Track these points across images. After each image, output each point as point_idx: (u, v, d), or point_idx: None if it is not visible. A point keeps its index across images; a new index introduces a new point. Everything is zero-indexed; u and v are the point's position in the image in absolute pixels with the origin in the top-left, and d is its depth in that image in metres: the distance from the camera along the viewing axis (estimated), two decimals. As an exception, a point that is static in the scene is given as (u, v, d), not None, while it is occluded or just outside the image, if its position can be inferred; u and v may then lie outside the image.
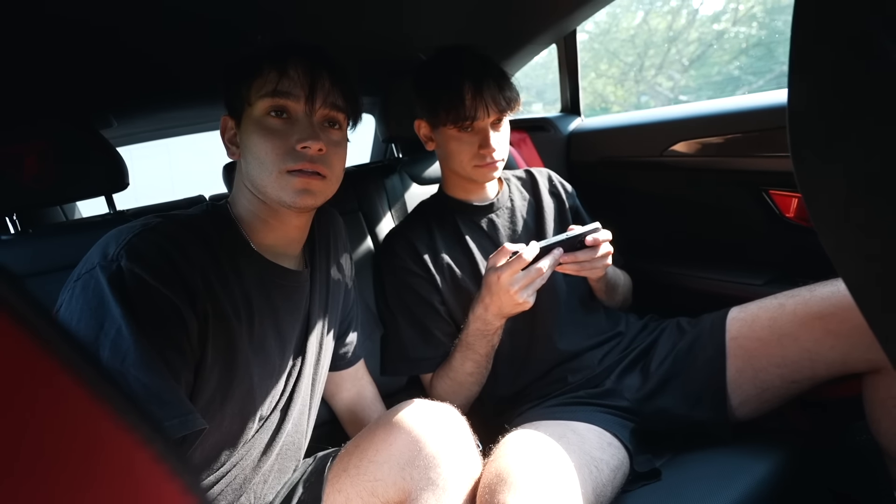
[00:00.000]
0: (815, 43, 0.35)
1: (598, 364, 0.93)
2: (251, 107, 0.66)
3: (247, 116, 0.66)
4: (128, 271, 0.54)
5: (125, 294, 0.53)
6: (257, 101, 0.65)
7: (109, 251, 0.55)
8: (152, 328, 0.53)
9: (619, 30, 7.44)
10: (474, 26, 1.14)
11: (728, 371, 0.84)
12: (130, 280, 0.53)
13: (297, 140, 0.64)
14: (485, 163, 0.91)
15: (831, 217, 0.37)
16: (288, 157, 0.64)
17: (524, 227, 1.02)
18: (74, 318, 0.53)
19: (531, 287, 0.78)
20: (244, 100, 0.66)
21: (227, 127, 0.71)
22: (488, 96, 0.87)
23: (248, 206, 0.69)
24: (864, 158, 0.33)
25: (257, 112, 0.65)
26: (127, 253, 0.55)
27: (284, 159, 0.64)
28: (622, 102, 7.45)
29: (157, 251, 0.57)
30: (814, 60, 0.36)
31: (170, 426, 0.50)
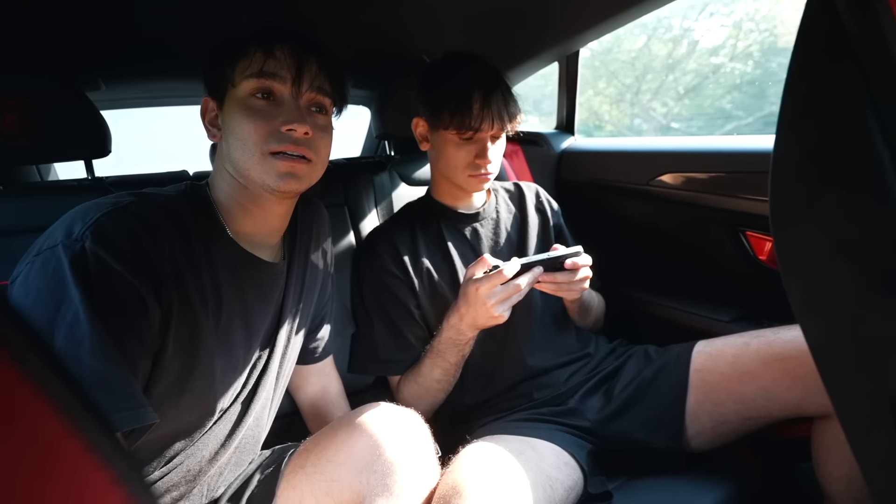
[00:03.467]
0: (801, 118, 0.37)
1: (564, 383, 0.94)
2: (235, 87, 0.64)
3: (230, 97, 0.65)
4: (91, 254, 0.52)
5: (86, 277, 0.51)
6: (242, 81, 0.63)
7: (74, 230, 0.53)
8: (112, 315, 0.51)
9: (621, 51, 7.54)
10: (479, 36, 1.14)
11: (688, 402, 0.86)
12: (94, 263, 0.51)
13: (282, 122, 0.62)
14: (478, 173, 0.91)
15: (800, 273, 0.38)
16: (272, 138, 0.62)
17: (507, 240, 1.02)
18: (31, 295, 0.51)
19: (507, 302, 0.79)
20: (228, 80, 0.64)
21: (209, 108, 0.68)
22: (495, 109, 0.88)
23: (227, 191, 0.67)
24: (841, 224, 0.35)
25: (241, 93, 0.64)
26: (92, 234, 0.53)
27: (268, 140, 0.62)
28: (616, 122, 7.55)
29: (125, 234, 0.55)
30: (801, 128, 0.38)
31: (118, 419, 0.49)
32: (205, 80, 0.68)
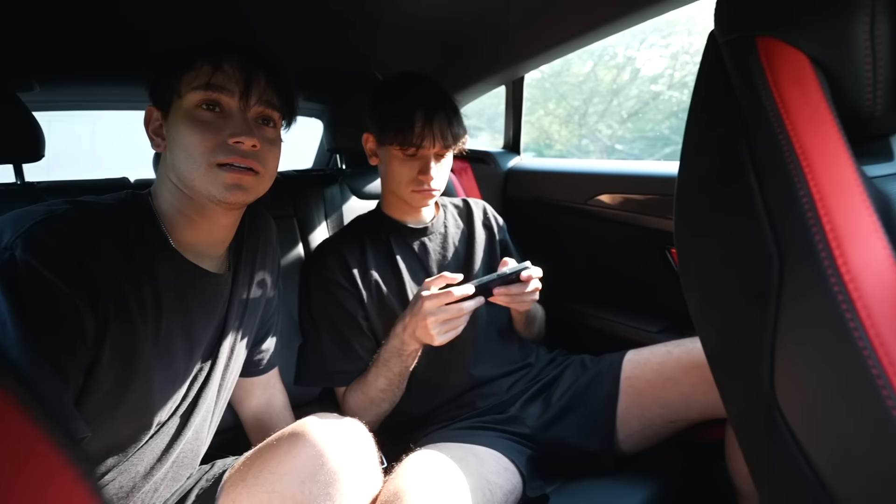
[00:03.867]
0: (696, 154, 0.42)
1: (506, 391, 0.98)
2: (181, 98, 0.64)
3: (176, 108, 0.65)
4: (22, 262, 0.50)
5: (16, 287, 0.49)
6: (188, 93, 0.63)
7: (4, 238, 0.51)
8: (43, 327, 0.50)
9: (570, 74, 7.86)
10: (430, 57, 1.19)
11: (619, 408, 0.92)
12: (24, 273, 0.50)
13: (229, 134, 0.63)
14: (421, 189, 0.95)
15: (695, 285, 0.44)
16: (218, 150, 0.63)
17: (454, 254, 1.06)
18: None
19: (446, 325, 0.82)
20: (174, 91, 0.64)
21: (153, 117, 0.68)
22: (437, 128, 0.91)
23: (171, 201, 0.67)
24: (726, 243, 0.41)
25: (188, 104, 0.64)
26: (24, 242, 0.51)
27: (214, 152, 0.62)
28: (565, 142, 7.84)
29: (58, 242, 0.53)
30: (697, 162, 0.43)
31: None
32: (149, 89, 0.68)
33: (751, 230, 0.36)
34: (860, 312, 0.30)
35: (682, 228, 0.45)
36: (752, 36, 0.41)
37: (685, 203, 0.44)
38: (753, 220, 0.36)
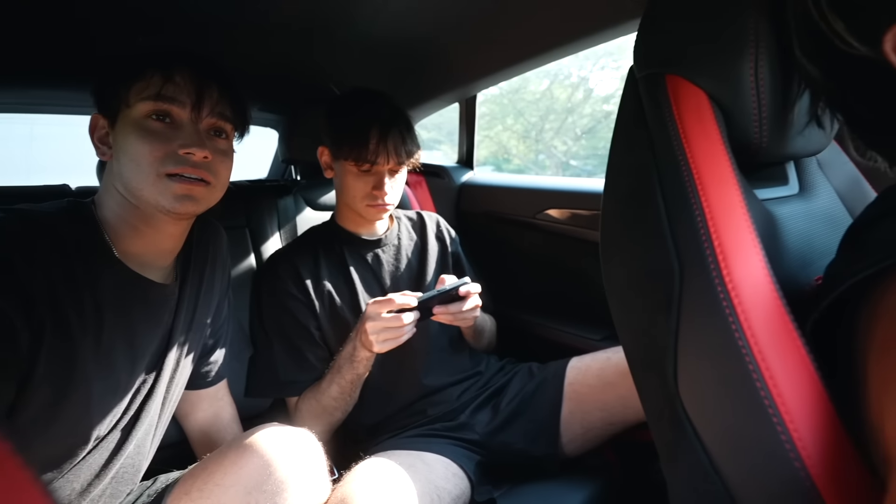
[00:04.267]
0: (616, 175, 0.47)
1: (456, 399, 1.01)
2: (129, 108, 0.64)
3: (124, 117, 0.64)
4: None
5: None
6: (137, 103, 0.63)
7: None
8: None
9: (528, 92, 8.10)
10: (386, 74, 1.22)
11: (562, 412, 0.97)
12: None
13: (180, 145, 0.63)
14: (375, 203, 0.97)
15: (616, 294, 0.48)
16: (168, 160, 0.63)
17: (407, 266, 1.08)
18: None
19: (384, 333, 0.83)
20: (121, 100, 0.64)
21: (98, 126, 0.67)
22: (391, 145, 0.94)
23: (116, 210, 0.66)
24: (639, 257, 0.45)
25: (137, 114, 0.64)
26: None
27: (164, 162, 0.62)
28: (522, 157, 8.05)
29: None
30: (617, 182, 0.48)
31: None
32: (95, 96, 0.67)
33: (658, 245, 0.41)
34: (740, 316, 0.35)
35: (604, 242, 0.49)
36: (663, 73, 0.47)
37: (607, 219, 0.49)
38: (660, 237, 0.41)
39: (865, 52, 0.36)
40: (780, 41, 0.41)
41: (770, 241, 0.43)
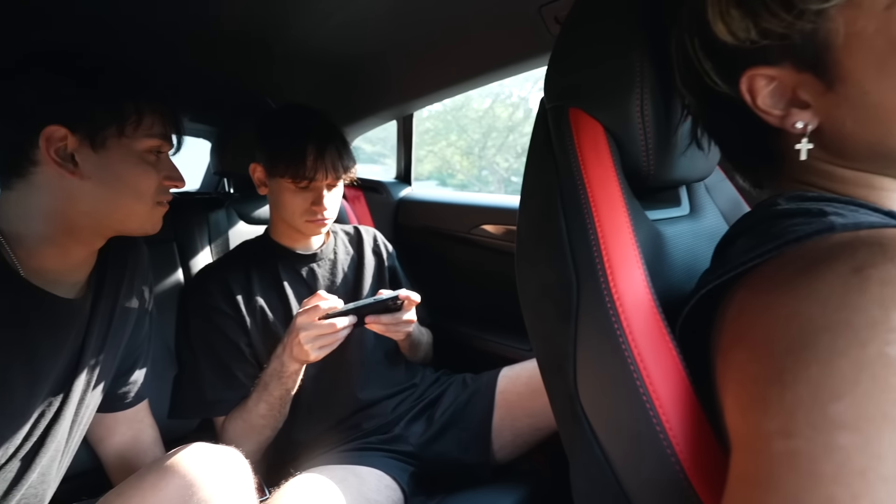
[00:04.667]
0: (530, 197, 0.52)
1: (391, 412, 1.02)
2: (129, 139, 0.66)
3: (118, 145, 0.66)
4: None
5: None
6: (143, 137, 0.67)
7: None
8: None
9: (471, 109, 8.30)
10: (322, 89, 1.23)
11: (494, 420, 1.00)
12: None
13: (166, 176, 0.71)
14: (314, 219, 0.97)
15: (528, 305, 0.52)
16: (159, 190, 0.71)
17: (343, 280, 1.09)
18: None
19: (319, 340, 0.83)
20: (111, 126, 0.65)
21: (57, 138, 0.61)
22: (329, 161, 0.95)
23: (37, 227, 0.62)
24: (545, 271, 0.50)
25: (140, 147, 0.68)
26: None
27: (157, 193, 0.70)
28: (466, 172, 8.21)
29: None
30: (529, 203, 0.53)
31: None
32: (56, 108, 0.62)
33: (560, 260, 0.46)
34: (623, 323, 0.39)
35: (518, 257, 0.54)
36: (566, 106, 0.52)
37: (521, 235, 0.54)
38: (562, 253, 0.46)
39: (726, 89, 0.42)
40: (664, 73, 0.48)
41: (656, 256, 0.49)
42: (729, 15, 0.38)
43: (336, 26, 0.93)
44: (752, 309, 0.34)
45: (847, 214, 0.36)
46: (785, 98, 0.40)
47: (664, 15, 0.46)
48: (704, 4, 0.39)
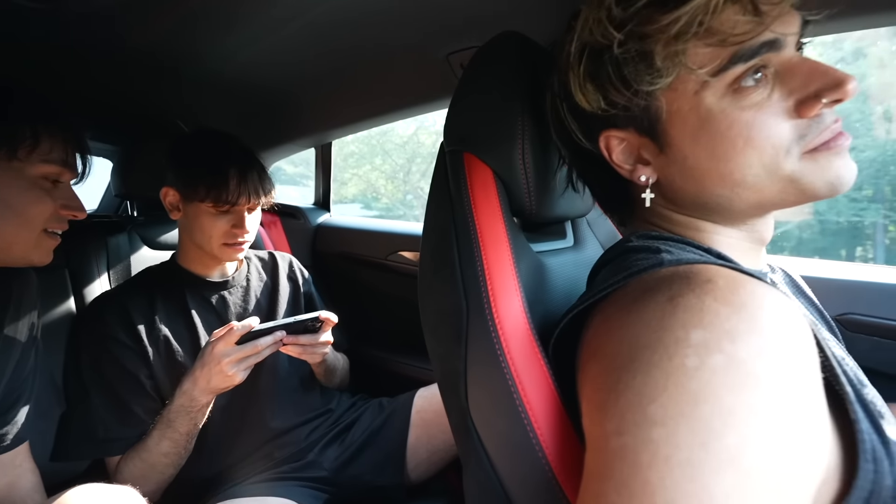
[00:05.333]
0: (430, 231, 0.58)
1: (304, 439, 1.01)
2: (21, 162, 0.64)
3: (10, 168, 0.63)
4: None
5: None
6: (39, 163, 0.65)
7: None
8: None
9: (395, 135, 8.41)
10: (237, 116, 1.23)
11: (409, 439, 1.03)
12: None
13: (62, 205, 0.69)
14: (234, 242, 0.96)
15: (428, 329, 0.57)
16: (52, 219, 0.68)
17: (256, 307, 1.08)
18: None
19: (244, 363, 0.82)
20: None
21: None
22: (251, 185, 0.94)
23: None
24: (441, 299, 0.55)
25: (35, 172, 0.65)
26: None
27: (49, 221, 0.68)
28: (391, 196, 8.28)
29: None
30: (429, 237, 0.58)
31: None
32: None
33: (453, 289, 0.51)
34: (503, 344, 0.46)
35: (420, 284, 0.59)
36: (462, 151, 0.59)
37: (422, 265, 0.59)
38: (455, 283, 0.51)
39: (589, 146, 0.51)
40: (542, 127, 0.56)
41: (539, 284, 0.56)
42: (585, 88, 0.47)
43: (247, 60, 0.95)
44: (602, 329, 0.42)
45: (675, 252, 0.45)
46: (633, 156, 0.50)
47: (542, 80, 0.55)
48: (568, 77, 0.48)
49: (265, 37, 0.86)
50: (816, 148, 0.42)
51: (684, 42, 0.41)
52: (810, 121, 0.42)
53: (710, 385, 0.32)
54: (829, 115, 0.42)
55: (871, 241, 5.23)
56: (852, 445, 0.36)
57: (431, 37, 0.87)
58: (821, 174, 0.43)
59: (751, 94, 0.42)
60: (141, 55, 0.91)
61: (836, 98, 0.41)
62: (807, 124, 0.42)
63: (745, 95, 0.42)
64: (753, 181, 0.44)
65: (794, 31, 0.43)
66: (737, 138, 0.43)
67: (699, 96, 0.43)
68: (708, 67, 0.42)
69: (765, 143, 0.42)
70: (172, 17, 0.79)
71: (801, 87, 0.42)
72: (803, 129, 0.42)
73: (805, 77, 0.41)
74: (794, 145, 0.42)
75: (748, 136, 0.42)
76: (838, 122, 0.43)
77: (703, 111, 0.44)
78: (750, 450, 0.30)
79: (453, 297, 0.51)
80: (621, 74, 0.44)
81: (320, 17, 0.79)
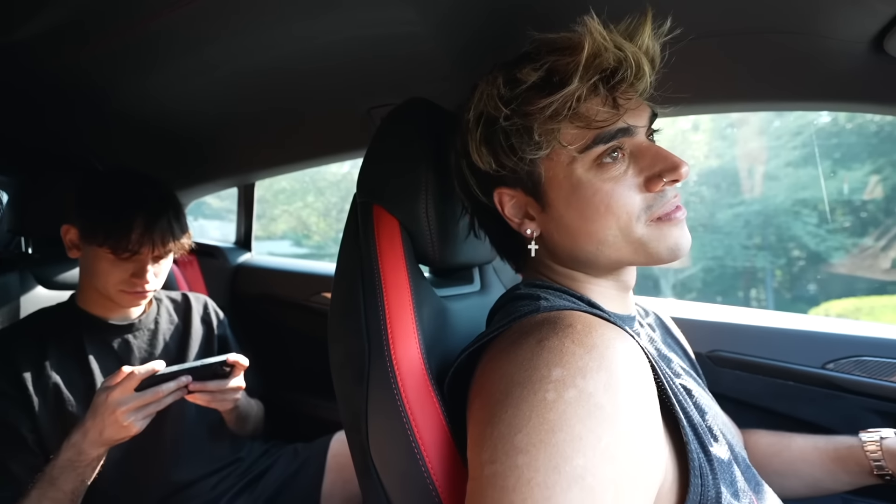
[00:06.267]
0: (341, 278, 0.61)
1: (210, 490, 0.96)
2: None
3: None
4: None
5: None
6: None
7: None
8: None
9: (329, 173, 8.39)
10: (154, 154, 1.20)
11: (324, 485, 1.02)
12: None
13: None
14: (133, 290, 0.92)
15: (336, 370, 0.60)
16: None
17: (164, 351, 1.02)
18: None
19: (142, 411, 0.77)
20: None
21: None
22: (158, 235, 0.90)
23: None
24: (346, 342, 0.58)
25: None
26: None
27: None
28: (323, 234, 8.16)
29: None
30: (339, 284, 0.62)
31: None
32: None
33: (357, 333, 0.55)
34: (400, 385, 0.49)
35: (329, 328, 0.61)
36: (372, 202, 0.63)
37: (332, 309, 0.62)
38: (359, 327, 0.55)
39: (486, 200, 0.58)
40: (445, 181, 0.62)
41: (441, 327, 0.61)
42: (481, 150, 0.54)
43: (169, 101, 0.95)
44: (487, 368, 0.47)
45: (552, 299, 0.52)
46: (521, 211, 0.57)
47: (446, 140, 0.62)
48: (468, 139, 0.55)
49: (190, 80, 0.88)
50: (660, 218, 0.52)
51: (557, 122, 0.50)
52: (655, 194, 0.51)
53: (564, 415, 0.38)
54: (671, 191, 0.52)
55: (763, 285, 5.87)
56: (686, 463, 0.43)
57: (355, 92, 0.93)
58: (663, 241, 0.52)
59: (611, 169, 0.51)
60: (46, 87, 0.88)
61: (673, 178, 0.50)
62: (653, 197, 0.51)
63: (606, 170, 0.51)
64: (612, 241, 0.52)
65: (644, 124, 0.53)
66: (599, 204, 0.51)
67: (571, 167, 0.52)
68: (576, 145, 0.51)
69: (620, 210, 0.51)
70: (91, 51, 0.78)
71: (648, 167, 0.51)
72: (650, 201, 0.51)
73: (651, 160, 0.51)
74: (643, 213, 0.51)
75: (608, 203, 0.51)
76: (677, 198, 0.53)
77: (574, 180, 0.52)
78: (594, 469, 0.36)
79: (357, 341, 0.54)
80: (509, 142, 0.52)
81: (247, 66, 0.82)
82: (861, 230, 5.00)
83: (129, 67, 0.82)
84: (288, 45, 0.73)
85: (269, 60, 0.78)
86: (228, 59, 0.78)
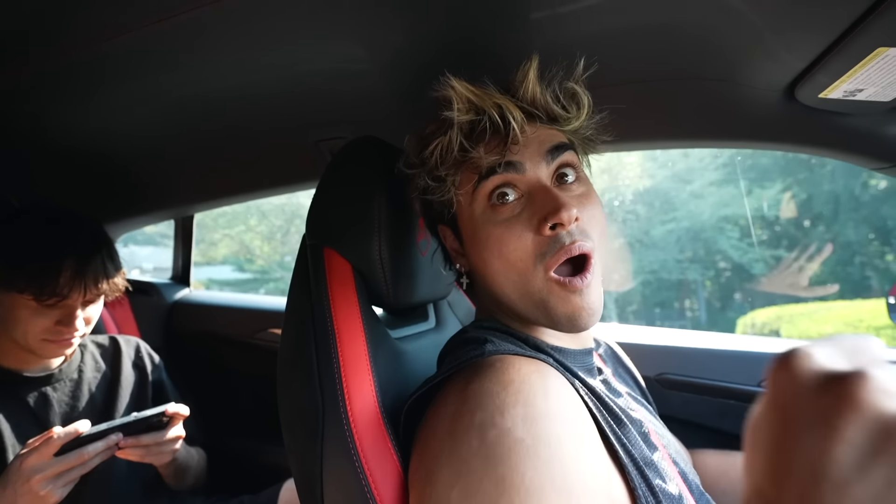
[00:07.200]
0: (290, 324, 0.58)
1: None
2: None
3: None
4: None
5: None
6: None
7: None
8: None
9: (273, 195, 8.13)
10: (82, 186, 1.11)
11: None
12: None
13: None
14: (59, 339, 0.83)
15: (285, 422, 0.57)
16: None
17: (89, 404, 0.93)
18: None
19: (63, 478, 0.69)
20: None
21: None
22: (90, 277, 0.83)
23: None
24: (297, 394, 0.55)
25: None
26: None
27: None
28: (267, 258, 7.89)
29: None
30: (288, 330, 0.59)
31: None
32: None
33: (310, 386, 0.52)
34: (355, 434, 0.47)
35: (278, 378, 0.58)
36: (322, 245, 0.61)
37: (280, 357, 0.59)
38: (311, 379, 0.52)
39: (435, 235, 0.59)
40: (398, 222, 0.62)
41: (396, 370, 0.59)
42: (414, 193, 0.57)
43: (99, 131, 0.88)
44: (434, 409, 0.46)
45: (498, 343, 0.51)
46: (456, 246, 0.58)
47: (399, 178, 0.61)
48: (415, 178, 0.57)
49: (126, 109, 0.82)
50: (559, 282, 0.49)
51: (446, 169, 0.53)
52: (549, 238, 0.49)
53: (487, 459, 0.38)
54: (567, 236, 0.48)
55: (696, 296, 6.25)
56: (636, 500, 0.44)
57: (303, 124, 0.90)
58: (563, 306, 0.48)
59: (502, 211, 0.52)
60: None
61: (555, 222, 0.47)
62: (546, 241, 0.49)
63: (498, 212, 0.52)
64: (516, 292, 0.51)
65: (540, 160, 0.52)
66: (493, 247, 0.51)
67: (472, 208, 0.54)
68: (465, 187, 0.53)
69: (512, 254, 0.50)
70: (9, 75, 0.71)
71: (539, 210, 0.49)
72: (544, 246, 0.49)
73: (542, 201, 0.49)
74: (538, 261, 0.49)
75: (499, 246, 0.50)
76: (576, 244, 0.48)
77: (474, 221, 0.54)
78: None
79: (310, 395, 0.52)
80: (432, 185, 0.55)
81: (193, 94, 0.77)
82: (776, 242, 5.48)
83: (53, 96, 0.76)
84: (236, 76, 0.70)
85: (216, 90, 0.75)
86: (173, 88, 0.74)
